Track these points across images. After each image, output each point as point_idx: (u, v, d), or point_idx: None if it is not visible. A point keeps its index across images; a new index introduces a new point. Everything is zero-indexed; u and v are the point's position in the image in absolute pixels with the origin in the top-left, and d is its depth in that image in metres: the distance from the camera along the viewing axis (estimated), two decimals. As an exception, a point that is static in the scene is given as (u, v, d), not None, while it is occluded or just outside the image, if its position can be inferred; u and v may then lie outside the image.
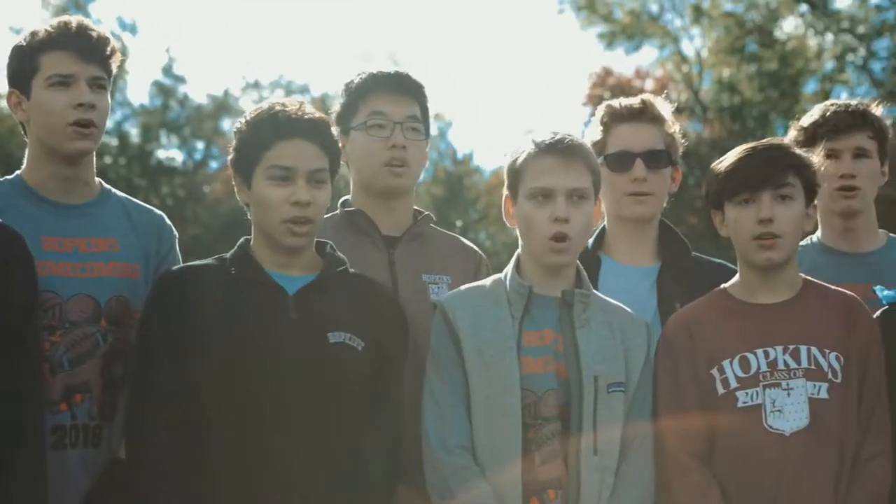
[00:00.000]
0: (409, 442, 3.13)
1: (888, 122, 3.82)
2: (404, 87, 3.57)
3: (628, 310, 3.22)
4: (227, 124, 30.41)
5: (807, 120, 3.79)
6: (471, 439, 3.03)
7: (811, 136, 3.73)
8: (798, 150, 3.24)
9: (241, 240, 3.20)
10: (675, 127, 3.58)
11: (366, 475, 3.02)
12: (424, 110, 3.60)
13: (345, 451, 2.99)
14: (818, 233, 3.82)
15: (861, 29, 23.94)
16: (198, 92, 46.60)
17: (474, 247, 3.72)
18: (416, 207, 3.66)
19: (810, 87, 24.76)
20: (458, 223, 30.81)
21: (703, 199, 3.35)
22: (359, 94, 3.55)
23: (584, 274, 3.19)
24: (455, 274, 3.55)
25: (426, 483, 3.08)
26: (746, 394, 3.06)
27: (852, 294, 3.21)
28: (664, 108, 3.56)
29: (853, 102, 3.80)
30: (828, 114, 3.74)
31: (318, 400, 2.96)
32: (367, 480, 3.02)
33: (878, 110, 3.75)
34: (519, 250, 3.20)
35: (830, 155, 3.70)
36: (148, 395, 2.98)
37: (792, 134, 3.82)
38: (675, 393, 3.12)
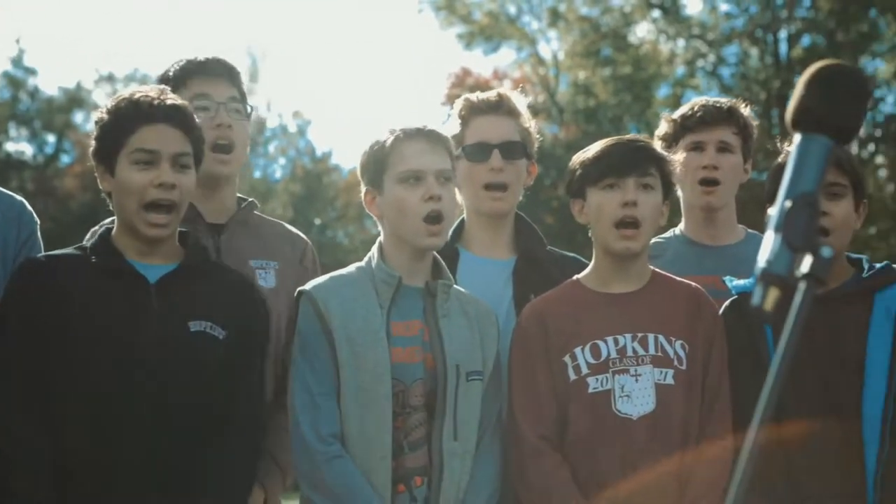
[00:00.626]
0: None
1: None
2: (222, 71, 3.58)
3: (480, 300, 3.32)
4: (80, 118, 29.73)
5: (677, 113, 3.94)
6: (340, 428, 3.08)
7: (679, 128, 3.87)
8: (659, 148, 3.38)
9: (102, 228, 3.19)
10: (530, 122, 3.68)
11: (226, 464, 3.04)
12: (242, 94, 3.63)
13: (204, 441, 3.00)
14: (681, 225, 3.96)
15: (711, 35, 24.69)
16: (49, 84, 45.39)
17: (300, 233, 3.76)
18: (243, 197, 3.67)
19: (662, 91, 25.45)
20: (317, 221, 30.68)
21: (559, 200, 3.47)
22: (178, 79, 3.53)
23: (443, 264, 3.27)
24: (282, 260, 3.57)
25: (296, 472, 3.13)
26: (597, 380, 3.17)
27: (697, 285, 3.35)
28: (520, 102, 3.66)
29: (723, 100, 3.94)
30: (696, 107, 3.88)
31: (177, 389, 2.97)
32: (226, 470, 3.05)
33: (746, 110, 3.89)
34: (381, 239, 3.25)
35: (696, 147, 3.84)
36: (6, 383, 2.95)
37: (662, 126, 3.95)
38: (529, 379, 3.22)
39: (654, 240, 3.90)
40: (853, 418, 3.11)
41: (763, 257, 1.64)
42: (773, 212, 1.66)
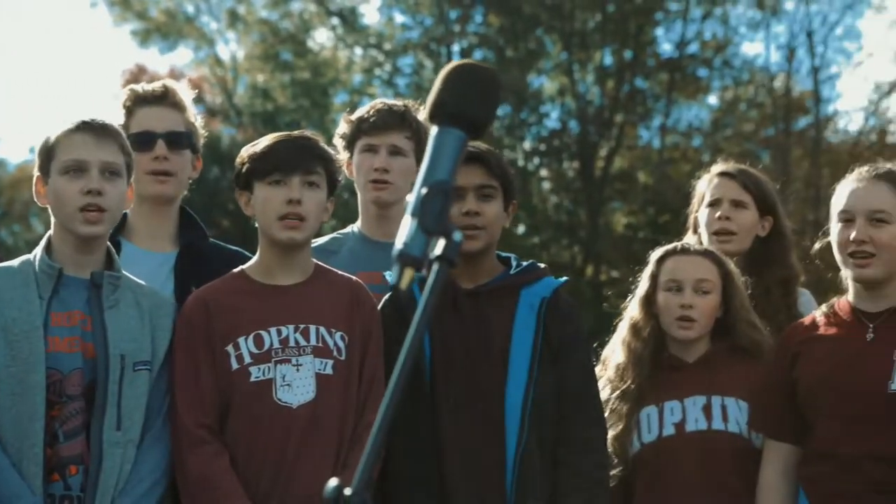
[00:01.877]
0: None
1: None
2: None
3: (159, 291, 3.35)
4: None
5: (356, 114, 4.03)
6: None
7: (356, 130, 3.97)
8: (325, 146, 3.47)
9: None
10: (196, 116, 3.71)
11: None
12: None
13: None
14: (358, 223, 4.07)
15: (387, 46, 25.25)
16: None
17: None
18: None
19: (340, 98, 25.76)
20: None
21: (235, 203, 3.49)
22: None
23: (115, 255, 3.26)
24: None
25: None
26: (259, 369, 3.23)
27: (357, 279, 3.47)
28: (186, 95, 3.68)
29: (399, 103, 4.04)
30: (371, 111, 3.98)
31: None
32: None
33: (420, 113, 3.99)
34: (50, 231, 3.24)
35: (369, 149, 3.95)
36: None
37: (342, 126, 4.03)
38: (191, 368, 3.24)
39: (332, 235, 4.02)
40: (497, 405, 3.31)
41: (400, 240, 1.75)
42: (410, 198, 1.78)
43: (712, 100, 25.43)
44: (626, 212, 24.51)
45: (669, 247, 3.87)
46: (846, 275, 3.53)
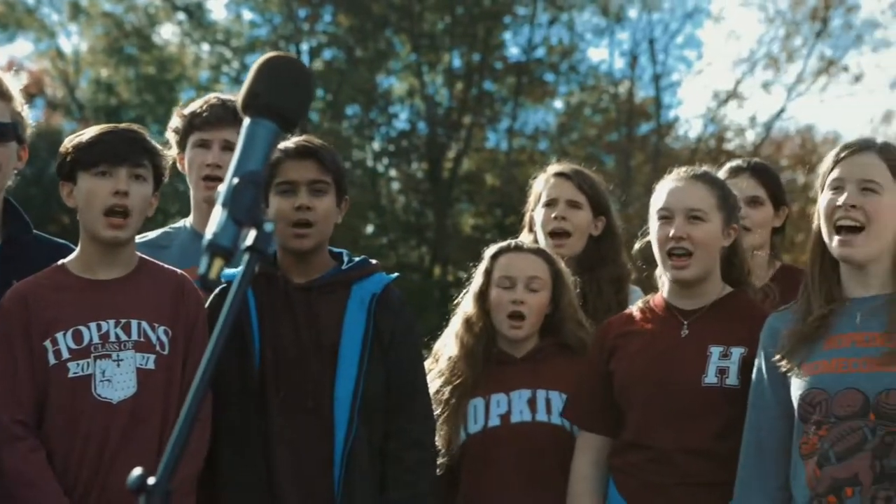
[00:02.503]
0: None
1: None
2: None
3: None
4: None
5: (189, 108, 4.00)
6: None
7: (188, 125, 3.93)
8: (153, 140, 3.42)
9: None
10: (24, 106, 3.61)
11: None
12: None
13: None
14: (190, 218, 4.02)
15: (235, 42, 24.98)
16: None
17: None
18: None
19: (187, 94, 25.35)
20: None
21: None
22: None
23: None
24: None
25: None
26: (77, 364, 3.18)
27: (183, 273, 3.43)
28: (13, 85, 3.58)
29: (232, 97, 4.00)
30: (204, 106, 3.95)
31: None
32: None
33: None
34: None
35: (202, 145, 3.90)
36: None
37: (175, 120, 3.99)
38: (8, 363, 3.17)
39: (163, 230, 3.96)
40: (326, 400, 3.32)
41: (210, 230, 1.74)
42: (221, 188, 1.77)
43: (558, 104, 25.92)
44: (474, 213, 24.77)
45: (503, 244, 3.96)
46: (661, 273, 3.63)
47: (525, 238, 4.26)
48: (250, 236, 1.75)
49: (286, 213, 3.38)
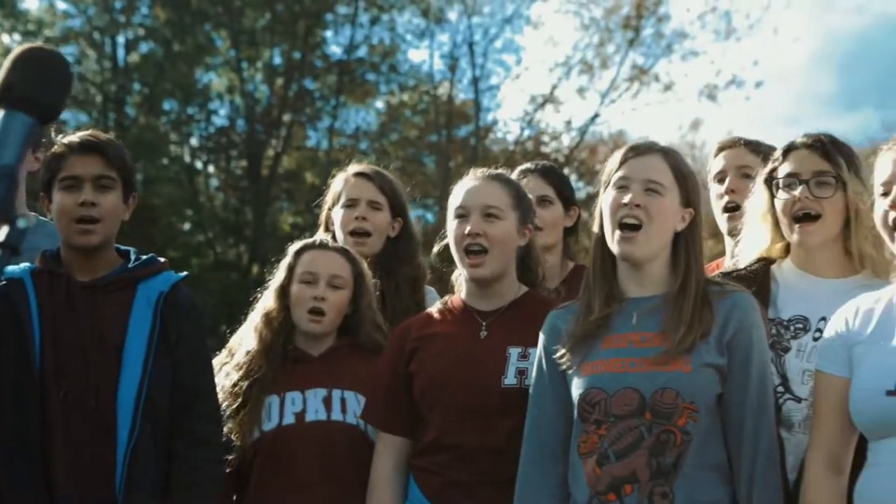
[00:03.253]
0: None
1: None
2: None
3: None
4: None
5: None
6: None
7: None
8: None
9: None
10: None
11: None
12: None
13: None
14: None
15: (48, 33, 24.18)
16: None
17: None
18: None
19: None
20: None
21: None
22: None
23: None
24: None
25: None
26: None
27: None
28: None
29: None
30: None
31: None
32: None
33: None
34: None
35: None
36: None
37: None
38: None
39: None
40: (109, 400, 3.26)
41: (-42, 227, 1.69)
42: (-29, 184, 1.73)
43: (379, 104, 25.99)
44: (293, 212, 24.62)
45: (308, 241, 3.97)
46: (458, 274, 3.67)
47: (322, 237, 4.27)
48: (2, 232, 1.70)
49: (69, 209, 3.31)
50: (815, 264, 3.48)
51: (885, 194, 3.00)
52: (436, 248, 3.82)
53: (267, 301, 3.90)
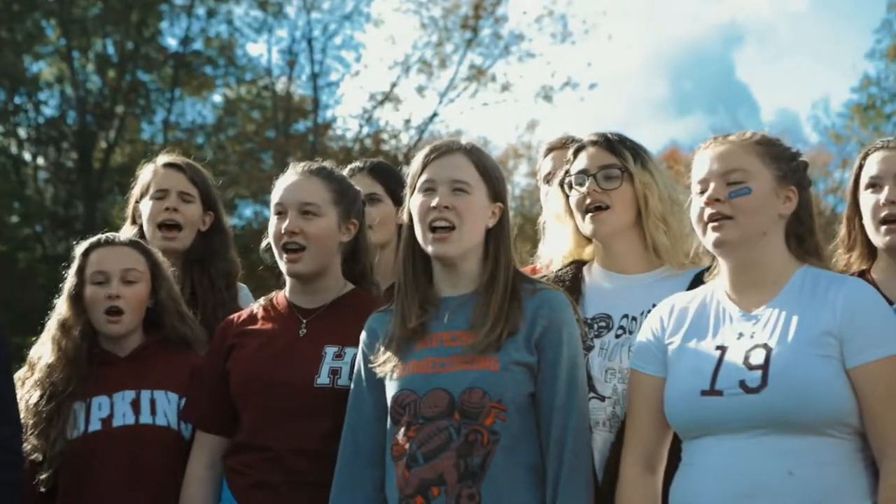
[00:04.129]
0: None
1: None
2: None
3: None
4: None
5: None
6: None
7: None
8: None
9: None
10: None
11: None
12: None
13: None
14: None
15: None
16: None
17: None
18: None
19: None
20: None
21: None
22: None
23: None
24: None
25: None
26: None
27: None
28: None
29: None
30: None
31: None
32: None
33: None
34: None
35: None
36: None
37: None
38: None
39: None
40: None
41: None
42: None
43: (217, 98, 25.60)
44: (125, 205, 24.02)
45: (94, 239, 3.83)
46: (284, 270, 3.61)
47: (128, 231, 4.18)
48: None
49: None
50: (618, 261, 3.54)
51: (702, 192, 3.04)
52: (263, 244, 3.76)
53: (61, 309, 3.77)
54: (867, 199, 3.56)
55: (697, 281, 3.34)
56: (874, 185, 3.54)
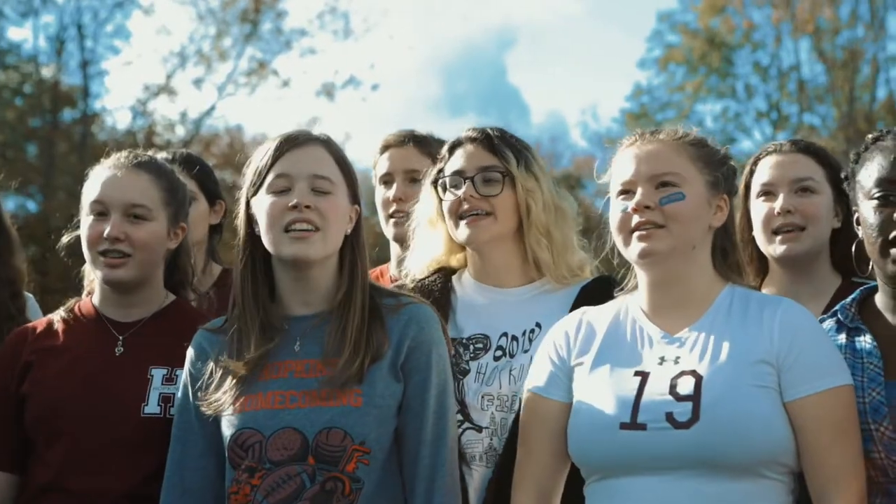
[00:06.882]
0: None
1: None
2: None
3: None
4: None
5: None
6: None
7: None
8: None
9: None
10: None
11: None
12: None
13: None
14: None
15: None
16: None
17: None
18: None
19: None
20: None
21: None
22: None
23: None
24: None
25: None
26: None
27: None
28: None
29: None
30: None
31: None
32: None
33: None
34: None
35: None
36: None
37: None
38: None
39: None
40: None
41: None
42: None
43: (-26, 83, 24.17)
44: None
45: None
46: (90, 276, 3.17)
47: None
48: None
49: None
50: (494, 274, 3.18)
51: (626, 194, 2.66)
52: (65, 239, 3.25)
53: None
54: (759, 208, 3.33)
55: (584, 296, 3.01)
56: (767, 192, 3.33)
